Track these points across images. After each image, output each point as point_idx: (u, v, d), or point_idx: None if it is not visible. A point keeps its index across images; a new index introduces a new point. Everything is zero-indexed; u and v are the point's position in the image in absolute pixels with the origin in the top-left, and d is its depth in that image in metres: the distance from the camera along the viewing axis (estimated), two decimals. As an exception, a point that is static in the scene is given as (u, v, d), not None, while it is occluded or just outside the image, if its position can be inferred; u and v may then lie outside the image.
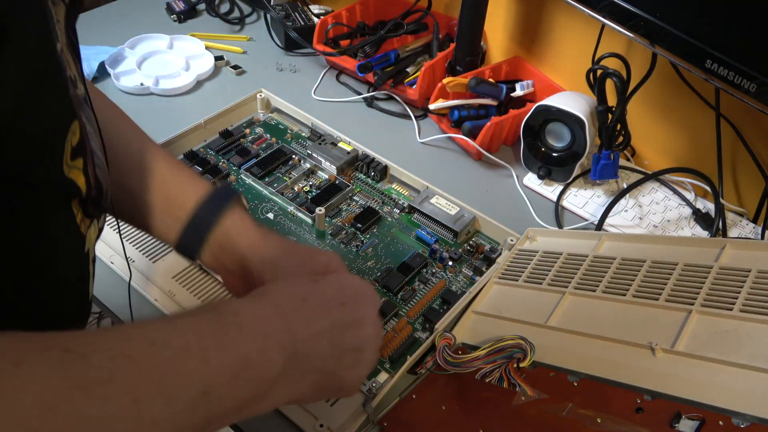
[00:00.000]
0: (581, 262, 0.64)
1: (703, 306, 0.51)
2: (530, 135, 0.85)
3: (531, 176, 0.88)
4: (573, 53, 0.96)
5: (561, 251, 0.66)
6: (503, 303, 0.64)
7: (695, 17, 0.67)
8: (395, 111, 0.97)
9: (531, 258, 0.68)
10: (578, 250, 0.66)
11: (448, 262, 0.73)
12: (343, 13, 1.04)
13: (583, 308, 0.59)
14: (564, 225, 0.82)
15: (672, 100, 0.87)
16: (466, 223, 0.76)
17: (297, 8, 1.09)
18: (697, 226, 0.82)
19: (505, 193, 0.86)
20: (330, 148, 0.84)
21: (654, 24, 0.70)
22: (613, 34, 0.79)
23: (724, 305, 0.50)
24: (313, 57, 1.07)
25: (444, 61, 0.98)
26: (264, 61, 1.05)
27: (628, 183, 0.84)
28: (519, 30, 1.02)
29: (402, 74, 0.98)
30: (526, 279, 0.65)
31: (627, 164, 0.89)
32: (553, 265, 0.65)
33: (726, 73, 0.65)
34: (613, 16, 0.74)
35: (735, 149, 0.84)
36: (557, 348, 0.55)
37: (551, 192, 0.86)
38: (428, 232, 0.77)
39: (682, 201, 0.84)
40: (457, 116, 0.90)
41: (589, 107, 0.82)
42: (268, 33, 1.10)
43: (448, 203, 0.78)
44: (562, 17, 0.95)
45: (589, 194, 0.85)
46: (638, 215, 0.83)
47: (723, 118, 0.82)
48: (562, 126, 0.83)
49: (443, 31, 1.04)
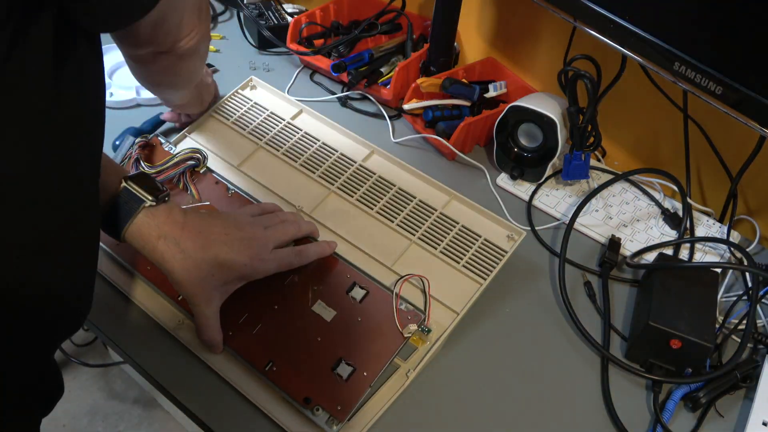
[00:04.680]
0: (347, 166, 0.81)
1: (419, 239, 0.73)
2: (503, 135, 0.86)
3: (504, 176, 0.89)
4: (545, 55, 0.97)
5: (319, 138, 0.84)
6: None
7: (665, 20, 0.68)
8: (369, 111, 0.97)
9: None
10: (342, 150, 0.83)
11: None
12: (317, 12, 1.04)
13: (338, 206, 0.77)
14: (536, 224, 0.83)
15: (642, 101, 0.89)
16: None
17: (270, 7, 1.09)
18: (666, 225, 0.83)
19: (478, 193, 0.86)
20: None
21: (624, 27, 0.71)
22: (585, 36, 0.80)
23: (432, 244, 0.73)
24: (287, 56, 1.06)
25: (418, 61, 0.98)
26: (237, 60, 1.04)
27: (598, 183, 0.85)
28: (492, 31, 1.03)
29: (376, 74, 0.98)
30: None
31: (598, 165, 0.91)
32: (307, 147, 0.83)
33: (693, 76, 0.66)
34: (584, 18, 0.75)
35: (702, 150, 0.86)
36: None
37: (523, 192, 0.87)
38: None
39: (651, 201, 0.86)
40: (430, 116, 0.90)
41: (560, 108, 0.83)
42: (242, 32, 1.09)
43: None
44: (535, 19, 0.96)
45: (561, 194, 0.86)
46: (608, 215, 0.84)
47: (691, 119, 0.84)
48: (535, 127, 0.84)
49: (417, 32, 1.05)
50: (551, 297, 0.75)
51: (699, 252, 0.80)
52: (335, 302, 0.66)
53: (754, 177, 0.82)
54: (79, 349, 1.50)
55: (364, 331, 0.64)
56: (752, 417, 0.64)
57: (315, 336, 0.63)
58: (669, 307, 0.67)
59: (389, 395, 0.62)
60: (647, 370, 0.68)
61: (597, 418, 0.65)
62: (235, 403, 0.61)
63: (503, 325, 0.72)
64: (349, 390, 0.60)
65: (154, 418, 1.43)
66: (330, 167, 0.80)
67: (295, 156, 0.81)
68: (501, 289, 0.73)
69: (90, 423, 1.42)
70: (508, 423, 0.63)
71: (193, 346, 0.63)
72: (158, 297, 0.67)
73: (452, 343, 0.68)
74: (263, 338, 0.63)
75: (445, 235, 0.74)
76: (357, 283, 0.67)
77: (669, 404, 0.65)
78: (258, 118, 0.85)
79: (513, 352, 0.69)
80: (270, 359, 0.61)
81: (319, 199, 0.77)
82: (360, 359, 0.62)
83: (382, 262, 0.71)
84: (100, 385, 1.48)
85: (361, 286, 0.67)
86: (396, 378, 0.63)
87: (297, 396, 0.59)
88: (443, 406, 0.64)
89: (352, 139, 0.83)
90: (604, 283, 0.76)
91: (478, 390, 0.66)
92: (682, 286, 0.70)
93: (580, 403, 0.66)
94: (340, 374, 0.61)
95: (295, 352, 0.62)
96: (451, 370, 0.67)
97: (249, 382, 0.61)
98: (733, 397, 0.67)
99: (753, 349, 0.71)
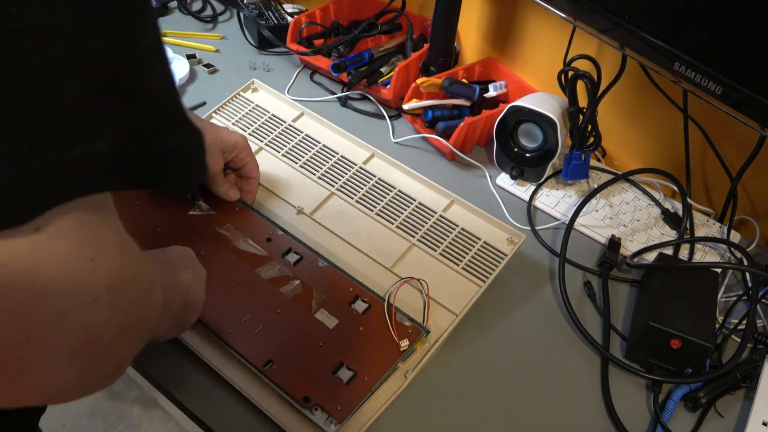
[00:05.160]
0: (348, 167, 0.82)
1: (419, 241, 0.74)
2: (503, 135, 0.86)
3: (504, 176, 0.89)
4: (545, 55, 0.97)
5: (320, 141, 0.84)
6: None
7: (664, 20, 0.68)
8: (369, 111, 0.97)
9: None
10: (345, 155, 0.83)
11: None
12: (317, 12, 1.04)
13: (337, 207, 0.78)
14: (536, 224, 0.83)
15: (642, 101, 0.89)
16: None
17: (270, 7, 1.09)
18: (666, 225, 0.83)
19: (478, 193, 0.86)
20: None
21: (624, 26, 0.71)
22: (585, 36, 0.80)
23: (432, 246, 0.74)
24: (287, 56, 1.06)
25: (418, 61, 0.98)
26: (237, 60, 1.04)
27: (598, 183, 0.85)
28: (492, 31, 1.03)
29: (376, 74, 0.98)
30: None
31: (598, 165, 0.91)
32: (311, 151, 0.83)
33: (693, 76, 0.66)
34: (584, 18, 0.75)
35: (702, 150, 0.86)
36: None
37: (524, 192, 0.87)
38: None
39: (651, 201, 0.86)
40: (430, 116, 0.90)
41: (560, 108, 0.82)
42: (241, 31, 1.09)
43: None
44: (535, 19, 0.96)
45: (561, 194, 0.86)
46: (609, 215, 0.84)
47: (691, 119, 0.84)
48: (535, 126, 0.84)
49: (417, 32, 1.05)
50: (551, 297, 0.75)
51: (699, 252, 0.80)
52: (338, 312, 0.66)
53: (754, 177, 0.82)
54: (79, 349, 1.51)
55: (366, 339, 0.64)
56: (752, 417, 0.64)
57: (316, 341, 0.63)
58: (669, 307, 0.67)
59: (387, 396, 0.62)
60: (647, 370, 0.68)
61: (597, 418, 0.65)
62: (234, 403, 0.61)
63: (503, 325, 0.72)
64: (349, 392, 0.60)
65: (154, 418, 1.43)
66: (330, 169, 0.80)
67: (296, 158, 0.81)
68: (501, 289, 0.73)
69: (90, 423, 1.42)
70: (507, 423, 0.63)
71: (193, 346, 0.63)
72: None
73: (452, 344, 0.68)
74: (264, 338, 0.63)
75: (444, 238, 0.74)
76: (360, 296, 0.67)
77: (669, 404, 0.65)
78: (259, 120, 0.86)
79: (513, 352, 0.69)
80: (270, 359, 0.61)
81: (320, 200, 0.77)
82: (361, 365, 0.62)
83: (382, 264, 0.71)
84: (100, 385, 1.48)
85: (364, 300, 0.67)
86: (394, 379, 0.63)
87: (296, 395, 0.59)
88: (442, 407, 0.64)
89: (352, 142, 0.83)
90: (604, 283, 0.76)
91: (478, 390, 0.66)
92: (682, 286, 0.70)
93: (580, 403, 0.66)
94: (340, 378, 0.61)
95: (296, 354, 0.62)
96: (450, 371, 0.67)
97: (248, 381, 0.61)
98: (733, 397, 0.67)
99: (753, 349, 0.71)
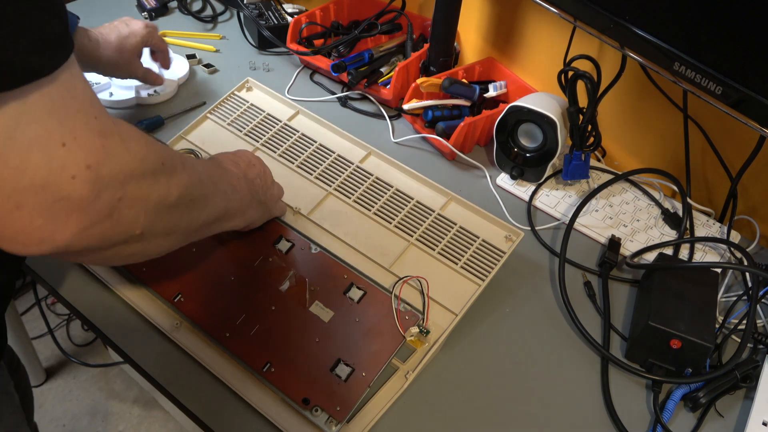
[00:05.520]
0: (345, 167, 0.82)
1: (417, 240, 0.74)
2: (503, 135, 0.86)
3: (504, 176, 0.88)
4: (545, 55, 0.97)
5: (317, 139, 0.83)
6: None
7: (664, 20, 0.68)
8: (369, 111, 0.97)
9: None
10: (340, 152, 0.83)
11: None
12: (317, 12, 1.04)
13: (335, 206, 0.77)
14: (536, 224, 0.83)
15: (642, 101, 0.89)
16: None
17: (270, 7, 1.09)
18: (666, 225, 0.83)
19: (478, 193, 0.86)
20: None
21: (624, 26, 0.71)
22: (585, 36, 0.80)
23: (430, 245, 0.73)
24: (287, 56, 1.06)
25: (418, 61, 0.98)
26: (237, 60, 1.04)
27: (598, 183, 0.85)
28: (492, 31, 1.02)
29: (376, 74, 0.98)
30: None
31: (598, 165, 0.91)
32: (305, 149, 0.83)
33: (693, 76, 0.66)
34: (584, 18, 0.75)
35: (702, 150, 0.86)
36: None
37: (524, 192, 0.87)
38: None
39: (651, 201, 0.86)
40: (430, 116, 0.90)
41: (560, 108, 0.82)
42: (241, 31, 1.09)
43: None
44: (535, 19, 0.96)
45: (561, 194, 0.86)
46: (608, 215, 0.84)
47: (691, 119, 0.84)
48: (535, 127, 0.84)
49: (417, 32, 1.05)
50: (551, 297, 0.75)
51: (699, 252, 0.80)
52: (333, 303, 0.66)
53: (754, 177, 0.82)
54: (79, 349, 1.50)
55: (362, 331, 0.64)
56: (752, 417, 0.64)
57: (313, 337, 0.63)
58: (669, 307, 0.67)
59: (389, 396, 0.62)
60: (647, 370, 0.68)
61: (597, 418, 0.65)
62: (234, 403, 0.61)
63: (503, 325, 0.72)
64: (348, 390, 0.60)
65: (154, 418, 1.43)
66: (327, 168, 0.80)
67: (293, 157, 0.81)
68: (501, 289, 0.73)
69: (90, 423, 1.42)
70: (507, 423, 0.63)
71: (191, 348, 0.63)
72: (155, 300, 0.67)
73: (451, 343, 0.68)
74: (261, 339, 0.63)
75: (443, 236, 0.74)
76: (354, 283, 0.67)
77: (669, 404, 0.65)
78: (255, 119, 0.85)
79: (513, 352, 0.69)
80: (268, 360, 0.61)
81: (317, 200, 0.77)
82: (358, 360, 0.62)
83: (380, 264, 0.71)
84: (100, 385, 1.48)
85: (359, 287, 0.67)
86: (395, 379, 0.63)
87: (295, 397, 0.59)
88: (443, 407, 0.64)
89: (349, 141, 0.83)
90: (604, 283, 0.76)
91: (478, 390, 0.66)
92: (682, 286, 0.70)
93: (580, 403, 0.66)
94: (338, 375, 0.61)
95: (293, 354, 0.62)
96: (450, 371, 0.67)
97: (247, 384, 0.61)
98: (733, 397, 0.67)
99: (753, 349, 0.71)
